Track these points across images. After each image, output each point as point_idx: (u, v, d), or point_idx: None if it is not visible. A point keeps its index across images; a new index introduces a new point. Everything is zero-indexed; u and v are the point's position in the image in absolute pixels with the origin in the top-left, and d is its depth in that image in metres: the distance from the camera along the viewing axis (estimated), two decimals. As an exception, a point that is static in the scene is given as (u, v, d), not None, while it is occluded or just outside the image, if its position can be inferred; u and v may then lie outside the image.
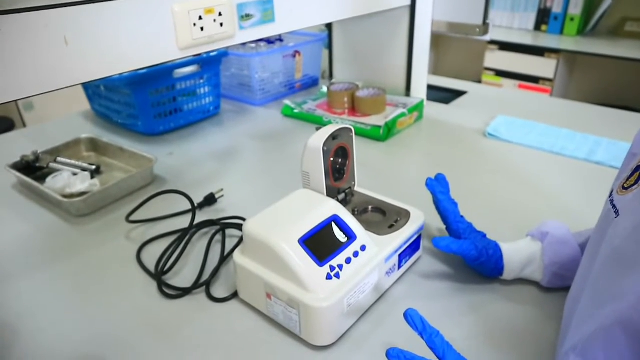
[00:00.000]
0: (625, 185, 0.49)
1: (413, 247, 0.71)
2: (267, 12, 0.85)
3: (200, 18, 0.75)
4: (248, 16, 0.82)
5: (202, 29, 0.75)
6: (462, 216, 0.73)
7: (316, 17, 0.95)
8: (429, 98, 1.41)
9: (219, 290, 0.72)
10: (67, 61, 0.62)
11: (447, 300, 0.69)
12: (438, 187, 0.74)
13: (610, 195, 0.51)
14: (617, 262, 0.46)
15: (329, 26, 1.48)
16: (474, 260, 0.68)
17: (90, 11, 0.62)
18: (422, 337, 0.50)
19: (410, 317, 0.51)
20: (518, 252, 0.69)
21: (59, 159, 1.08)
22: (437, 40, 3.32)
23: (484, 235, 0.72)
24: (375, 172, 1.04)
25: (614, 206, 0.49)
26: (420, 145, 1.20)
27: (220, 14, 0.77)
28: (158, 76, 1.22)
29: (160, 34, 0.71)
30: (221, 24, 0.78)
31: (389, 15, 1.27)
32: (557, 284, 0.69)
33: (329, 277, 0.59)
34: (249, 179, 1.05)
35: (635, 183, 0.47)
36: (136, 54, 0.70)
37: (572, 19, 2.66)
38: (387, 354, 0.49)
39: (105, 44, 0.65)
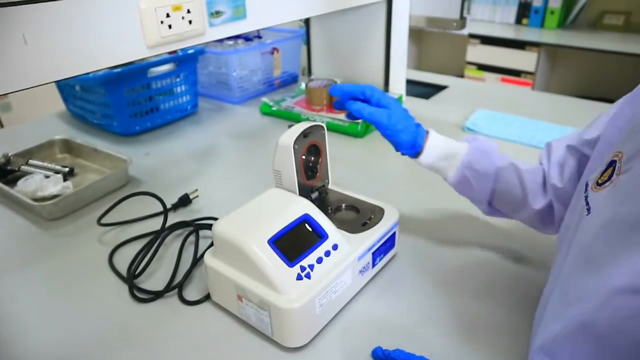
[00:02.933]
0: (599, 181, 0.48)
1: (387, 244, 0.71)
2: (238, 8, 0.84)
3: (168, 15, 0.73)
4: (218, 13, 0.81)
5: (170, 26, 0.74)
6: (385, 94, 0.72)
7: (290, 13, 0.94)
8: (410, 93, 1.41)
9: (191, 293, 0.71)
10: (28, 61, 0.60)
11: (424, 297, 0.68)
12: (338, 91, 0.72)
13: (585, 190, 0.50)
14: (585, 261, 0.45)
15: (306, 22, 1.47)
16: (384, 129, 0.69)
17: (49, 9, 0.60)
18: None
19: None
20: (443, 145, 0.70)
21: (31, 161, 1.06)
22: (420, 35, 3.32)
23: (410, 120, 0.71)
24: (353, 168, 1.04)
25: (587, 203, 0.48)
26: (399, 141, 1.20)
27: (188, 11, 0.76)
28: (133, 75, 1.20)
29: (126, 32, 0.70)
30: (190, 22, 0.76)
31: (365, 11, 1.26)
32: (461, 189, 0.72)
33: (299, 278, 0.58)
34: (226, 178, 1.04)
35: (609, 179, 0.46)
36: (102, 53, 0.68)
37: (552, 12, 2.67)
38: (373, 353, 0.49)
39: (68, 43, 0.63)
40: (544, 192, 0.67)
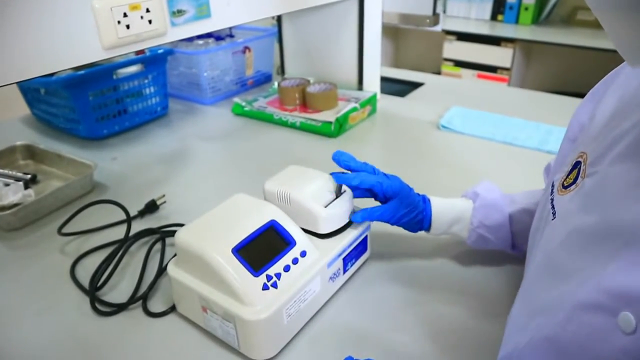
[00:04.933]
0: (565, 184, 0.46)
1: (359, 249, 0.69)
2: (201, 7, 0.81)
3: (126, 15, 0.70)
4: (180, 12, 0.78)
5: (127, 26, 0.70)
6: (383, 174, 0.70)
7: (256, 12, 0.91)
8: (385, 91, 1.39)
9: (156, 305, 0.68)
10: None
11: (396, 303, 0.66)
12: (343, 157, 0.70)
13: (552, 192, 0.48)
14: (549, 270, 0.43)
15: (278, 20, 1.44)
16: (395, 223, 0.68)
17: (-6, 9, 0.57)
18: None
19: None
20: (448, 208, 0.70)
21: (-10, 168, 1.01)
22: (396, 31, 3.32)
23: (410, 190, 0.69)
24: (326, 169, 1.01)
25: (552, 206, 0.46)
26: (373, 140, 1.18)
27: (147, 10, 0.72)
28: (98, 77, 1.16)
29: (80, 33, 0.66)
30: (150, 21, 0.73)
31: (337, 8, 1.24)
32: (482, 245, 0.70)
33: (265, 288, 0.55)
34: (196, 182, 1.01)
35: (574, 182, 0.44)
36: (54, 55, 0.64)
37: (526, 9, 2.69)
38: None
39: (15, 45, 0.60)
40: None
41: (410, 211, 0.68)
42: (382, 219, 0.67)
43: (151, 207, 0.88)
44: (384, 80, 1.39)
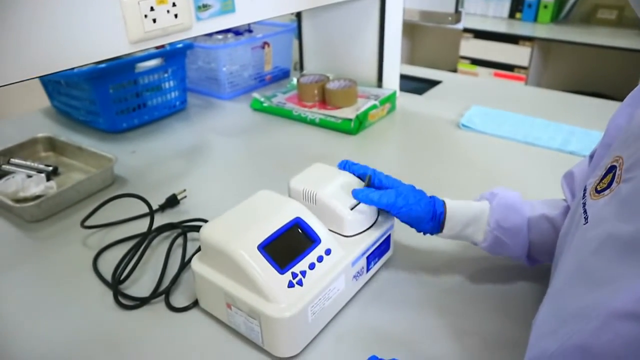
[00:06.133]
0: (598, 188, 0.45)
1: (382, 247, 0.68)
2: (226, 1, 0.80)
3: (152, 9, 0.70)
4: (206, 6, 0.78)
5: (154, 20, 0.70)
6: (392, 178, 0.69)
7: (280, 7, 0.90)
8: (403, 88, 1.38)
9: (179, 299, 0.68)
10: (5, 57, 0.57)
11: (420, 303, 0.66)
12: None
13: (584, 196, 0.47)
14: (582, 276, 0.42)
15: (298, 16, 1.43)
16: (398, 209, 0.63)
17: (28, 2, 0.57)
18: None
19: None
20: (464, 209, 0.65)
21: (12, 160, 1.02)
22: (413, 29, 3.30)
23: (421, 193, 0.67)
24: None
25: (585, 211, 0.45)
26: (392, 138, 1.17)
27: (174, 4, 0.72)
28: (119, 70, 1.16)
29: (108, 27, 0.66)
30: (175, 15, 0.73)
31: (359, 4, 1.23)
32: (496, 250, 0.66)
33: (291, 285, 0.55)
34: (215, 177, 1.01)
35: (608, 187, 0.43)
36: (82, 49, 0.65)
37: (545, 7, 2.66)
38: None
39: (45, 38, 0.60)
40: None
41: (414, 195, 0.65)
42: (383, 200, 0.63)
43: (172, 202, 0.88)
44: (402, 77, 1.38)
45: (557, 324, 0.43)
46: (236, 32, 1.48)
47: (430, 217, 0.65)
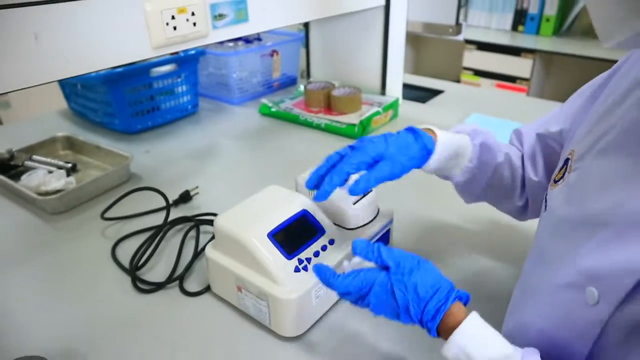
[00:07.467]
0: (556, 179, 0.50)
1: (382, 240, 0.73)
2: (240, 11, 0.86)
3: (173, 17, 0.76)
4: (221, 16, 0.84)
5: (175, 28, 0.76)
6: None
7: (289, 17, 0.97)
8: (406, 97, 1.44)
9: (192, 285, 0.73)
10: (37, 59, 0.63)
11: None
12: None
13: (548, 186, 0.53)
14: (540, 258, 0.48)
15: (306, 25, 1.50)
16: (397, 172, 0.58)
17: (60, 9, 0.63)
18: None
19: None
20: (453, 137, 0.62)
21: (34, 157, 1.08)
22: (418, 40, 3.36)
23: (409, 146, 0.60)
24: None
25: (546, 200, 0.51)
26: (394, 143, 1.22)
27: (193, 14, 0.78)
28: (135, 74, 1.22)
29: (133, 33, 0.72)
30: (194, 24, 0.79)
31: (363, 15, 1.29)
32: (465, 188, 0.67)
33: (297, 270, 0.60)
34: (225, 176, 1.06)
35: (562, 177, 0.49)
36: (109, 53, 0.71)
37: (547, 20, 2.71)
38: None
39: (77, 42, 0.66)
40: (523, 187, 0.67)
41: (398, 146, 0.60)
42: (378, 176, 0.58)
43: (185, 197, 0.93)
44: (405, 86, 1.44)
45: (522, 301, 0.50)
46: (246, 40, 1.54)
47: (425, 152, 0.61)
